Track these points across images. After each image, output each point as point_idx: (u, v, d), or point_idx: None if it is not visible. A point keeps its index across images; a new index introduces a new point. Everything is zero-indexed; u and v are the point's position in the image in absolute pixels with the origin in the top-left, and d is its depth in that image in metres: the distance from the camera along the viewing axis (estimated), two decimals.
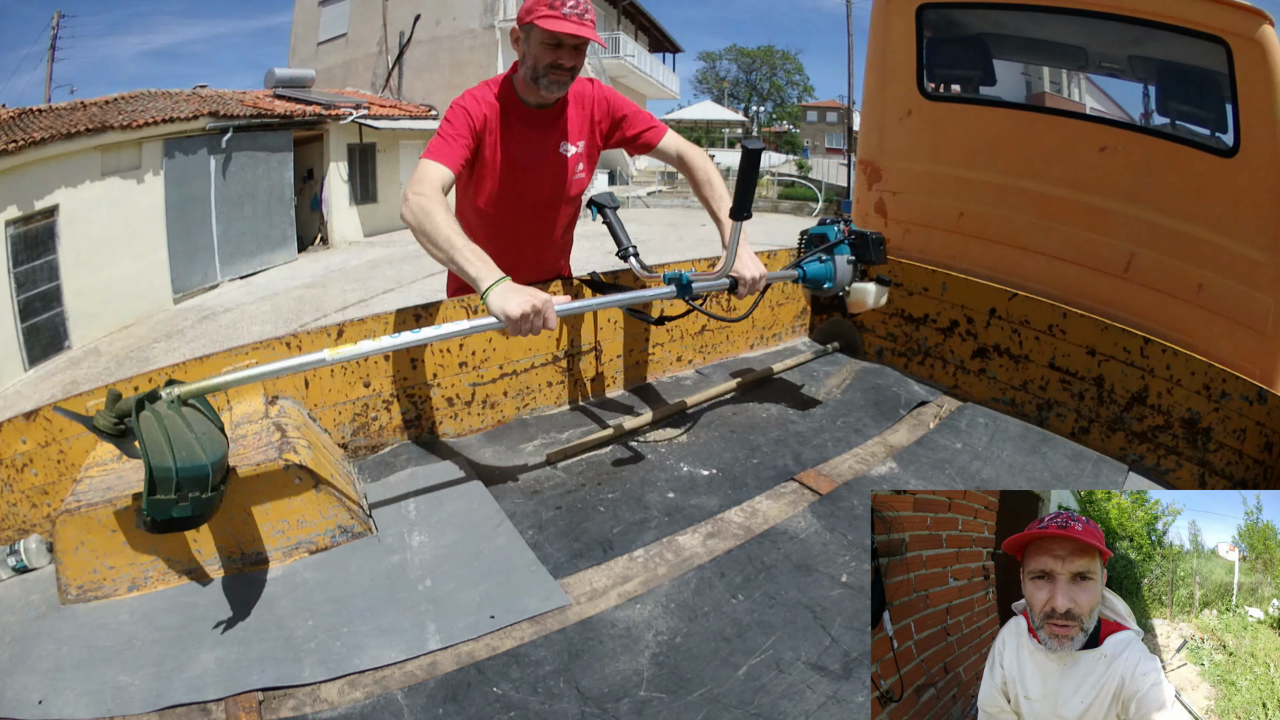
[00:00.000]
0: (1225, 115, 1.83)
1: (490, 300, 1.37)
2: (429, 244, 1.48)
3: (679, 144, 1.93)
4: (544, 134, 1.80)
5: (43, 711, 1.07)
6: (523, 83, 1.72)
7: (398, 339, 1.34)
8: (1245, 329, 1.86)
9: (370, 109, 14.56)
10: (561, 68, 1.64)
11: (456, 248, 1.44)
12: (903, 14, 2.42)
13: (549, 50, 1.62)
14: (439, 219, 1.47)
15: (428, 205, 1.49)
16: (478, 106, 1.70)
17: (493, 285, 1.39)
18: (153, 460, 1.01)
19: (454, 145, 1.64)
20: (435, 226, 1.46)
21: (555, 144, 1.82)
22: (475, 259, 1.43)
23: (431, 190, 1.53)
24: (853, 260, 1.93)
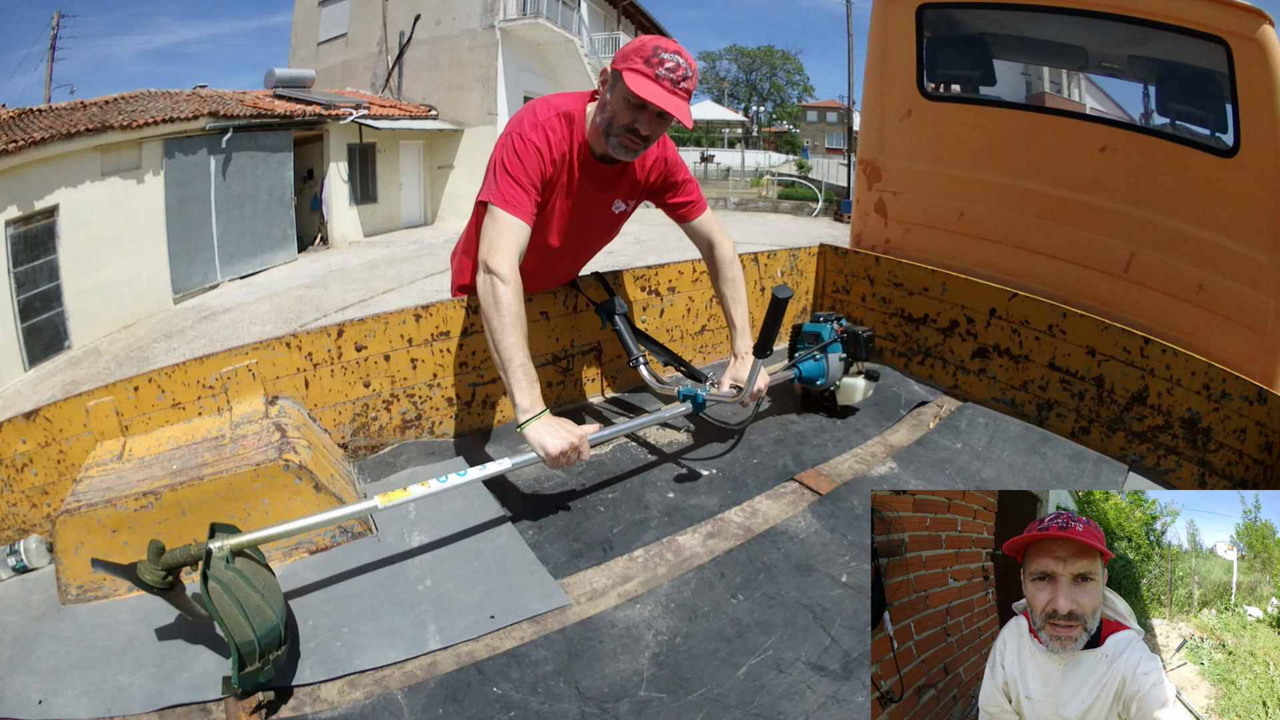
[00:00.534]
0: (1225, 115, 1.83)
1: (529, 433, 1.38)
2: (490, 337, 1.43)
3: (712, 229, 1.84)
4: (602, 191, 1.68)
5: (43, 711, 1.08)
6: (595, 127, 1.55)
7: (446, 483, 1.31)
8: (1245, 329, 1.86)
9: (370, 109, 14.55)
10: (637, 134, 1.48)
11: (514, 364, 1.40)
12: (903, 14, 2.42)
13: (629, 109, 1.45)
14: (508, 320, 1.40)
15: (504, 298, 1.41)
16: (549, 152, 1.53)
17: (533, 419, 1.38)
18: (236, 638, 1.01)
19: (528, 196, 1.51)
20: (503, 328, 1.40)
21: (610, 201, 1.72)
22: (525, 383, 1.40)
23: (510, 270, 1.43)
24: (845, 358, 1.98)
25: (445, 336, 1.89)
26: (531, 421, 1.38)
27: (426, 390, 1.90)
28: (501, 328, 1.41)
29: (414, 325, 1.84)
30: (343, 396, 1.78)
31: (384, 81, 17.52)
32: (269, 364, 1.67)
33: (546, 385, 2.10)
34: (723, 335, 2.51)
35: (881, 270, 2.47)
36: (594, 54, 19.64)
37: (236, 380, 1.61)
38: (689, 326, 2.40)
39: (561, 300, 2.06)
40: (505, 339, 1.40)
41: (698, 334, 2.43)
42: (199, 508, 1.33)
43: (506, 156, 1.51)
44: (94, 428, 1.51)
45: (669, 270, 2.29)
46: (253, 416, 1.55)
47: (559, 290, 2.05)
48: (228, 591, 1.04)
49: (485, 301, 1.43)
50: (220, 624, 1.01)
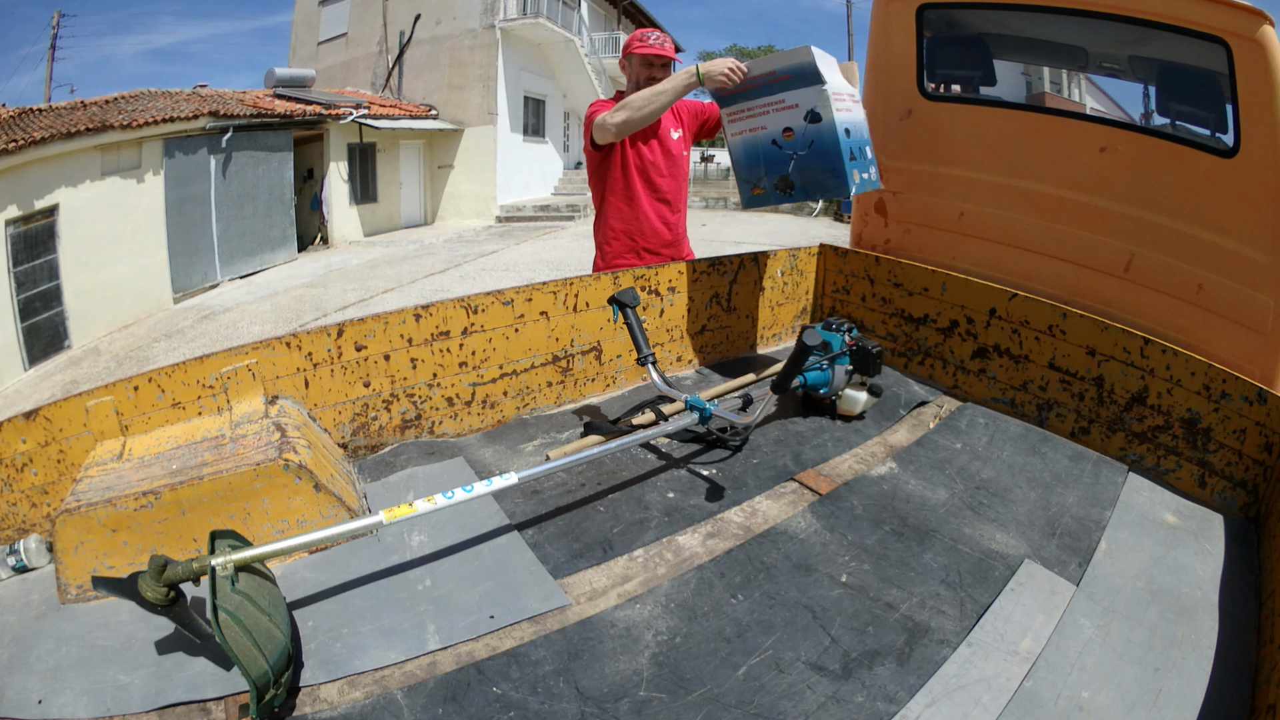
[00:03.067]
0: (1225, 115, 1.83)
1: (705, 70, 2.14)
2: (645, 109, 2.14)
3: None
4: (654, 125, 2.34)
5: (43, 711, 1.07)
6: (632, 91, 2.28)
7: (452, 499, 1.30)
8: (1245, 329, 1.85)
9: (370, 109, 14.54)
10: (655, 80, 2.26)
11: (656, 90, 2.15)
12: (903, 14, 2.42)
13: (646, 68, 2.29)
14: (630, 99, 2.16)
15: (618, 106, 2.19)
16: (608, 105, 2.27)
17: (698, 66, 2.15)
18: (252, 673, 1.01)
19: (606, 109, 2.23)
20: (635, 99, 2.15)
21: (666, 129, 2.41)
22: (672, 79, 2.16)
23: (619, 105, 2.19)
24: (850, 370, 1.98)
25: (445, 336, 1.89)
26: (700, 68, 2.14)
27: (426, 390, 1.90)
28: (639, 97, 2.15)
29: (414, 325, 1.84)
30: (343, 396, 1.78)
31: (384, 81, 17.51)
32: (269, 364, 1.67)
33: (546, 385, 2.10)
34: (723, 335, 2.51)
35: (881, 270, 2.47)
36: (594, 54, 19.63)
37: (236, 380, 1.61)
38: (689, 326, 2.40)
39: (561, 300, 2.06)
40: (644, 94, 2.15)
41: (698, 334, 2.43)
42: (199, 507, 1.33)
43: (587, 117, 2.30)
44: (94, 427, 1.51)
45: (669, 270, 2.29)
46: (253, 416, 1.55)
47: (559, 290, 2.05)
48: (238, 622, 1.03)
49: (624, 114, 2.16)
50: (234, 659, 1.00)
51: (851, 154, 1.98)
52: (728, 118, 2.19)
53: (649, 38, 2.31)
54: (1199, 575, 1.39)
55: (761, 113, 2.07)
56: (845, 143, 1.96)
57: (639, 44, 2.30)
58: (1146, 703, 1.08)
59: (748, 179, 2.20)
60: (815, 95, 1.93)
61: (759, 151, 2.12)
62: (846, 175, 1.96)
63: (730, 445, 1.86)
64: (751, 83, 2.06)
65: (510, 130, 17.22)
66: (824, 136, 1.95)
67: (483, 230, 15.76)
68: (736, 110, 2.15)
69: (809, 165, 2.02)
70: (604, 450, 1.53)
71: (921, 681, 1.10)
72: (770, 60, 2.02)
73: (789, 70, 1.96)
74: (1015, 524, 1.53)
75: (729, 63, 2.07)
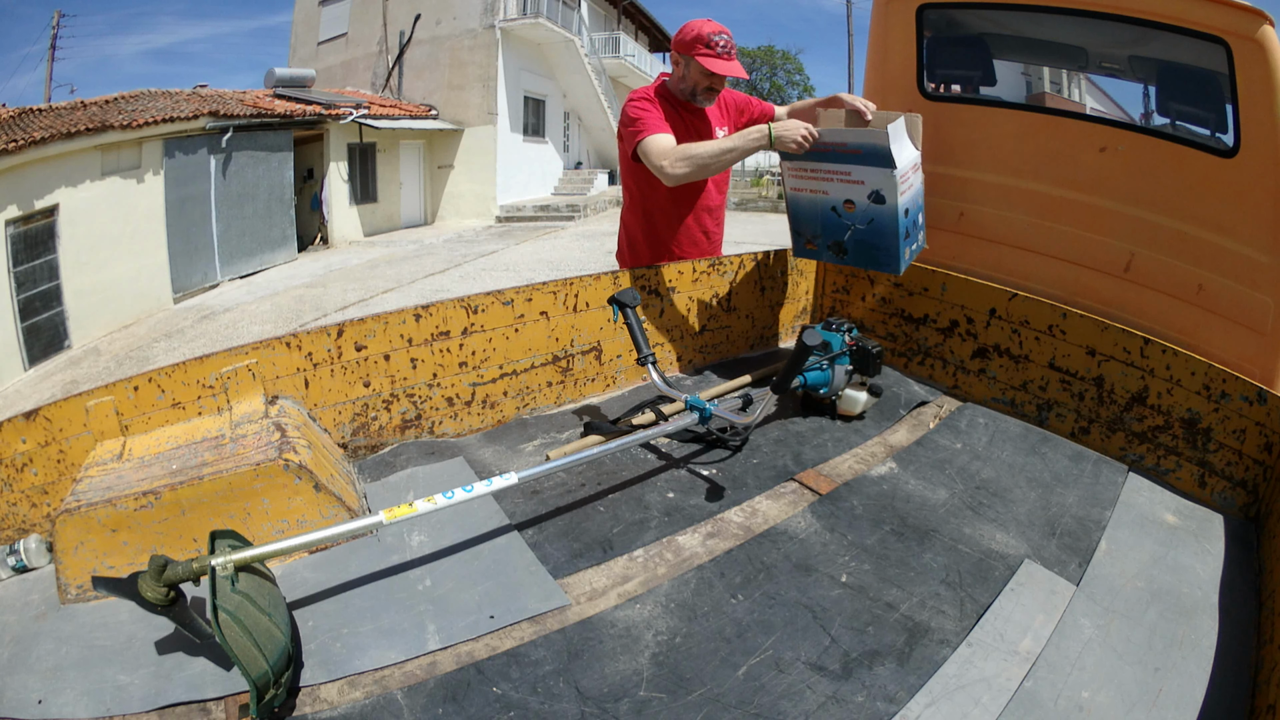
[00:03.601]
0: (1225, 115, 1.83)
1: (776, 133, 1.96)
2: (710, 166, 2.02)
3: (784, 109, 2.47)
4: (701, 121, 2.26)
5: (43, 711, 1.08)
6: (681, 92, 2.20)
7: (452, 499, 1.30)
8: (1245, 329, 1.85)
9: (370, 109, 14.54)
10: (714, 91, 2.18)
11: (730, 144, 1.99)
12: (903, 14, 2.42)
13: (706, 77, 2.11)
14: (698, 150, 2.00)
15: (683, 153, 2.00)
16: (653, 101, 2.13)
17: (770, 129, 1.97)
18: (252, 673, 1.01)
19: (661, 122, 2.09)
20: (703, 153, 1.99)
21: (712, 128, 2.28)
22: (743, 137, 2.00)
23: (673, 148, 2.03)
24: (850, 370, 1.99)
25: (445, 336, 1.89)
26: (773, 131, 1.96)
27: (426, 390, 1.90)
28: (707, 150, 2.00)
29: (414, 325, 1.84)
30: (343, 396, 1.78)
31: (384, 81, 17.51)
32: (269, 364, 1.67)
33: (546, 385, 2.10)
34: (723, 335, 2.51)
35: None
36: (594, 53, 19.63)
37: (236, 380, 1.61)
38: (689, 326, 2.40)
39: (561, 300, 2.06)
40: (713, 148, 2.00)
41: (698, 334, 2.43)
42: (199, 507, 1.33)
43: (630, 113, 2.12)
44: (94, 427, 1.51)
45: (669, 270, 2.29)
46: (253, 416, 1.55)
47: (559, 290, 2.05)
48: (238, 623, 1.03)
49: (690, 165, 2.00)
50: (235, 659, 1.00)
51: (906, 232, 2.03)
52: (789, 170, 2.17)
53: (717, 43, 2.05)
54: (1199, 575, 1.39)
55: (826, 178, 2.08)
56: (903, 223, 2.00)
57: (704, 51, 2.05)
58: (1146, 703, 1.08)
59: (802, 233, 2.25)
60: (883, 178, 1.94)
61: (818, 213, 2.16)
62: (900, 256, 2.03)
63: (730, 445, 1.86)
64: (820, 146, 2.02)
65: (510, 130, 17.22)
66: (884, 218, 1.99)
67: (483, 230, 15.76)
68: (800, 167, 2.13)
69: (865, 239, 2.08)
70: (604, 450, 1.53)
71: (921, 681, 1.10)
72: (844, 132, 2.00)
73: (861, 146, 1.95)
74: (1015, 524, 1.53)
75: (802, 130, 1.95)
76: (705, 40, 2.05)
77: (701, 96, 2.17)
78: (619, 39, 22.18)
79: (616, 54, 21.61)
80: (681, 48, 2.11)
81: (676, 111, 2.19)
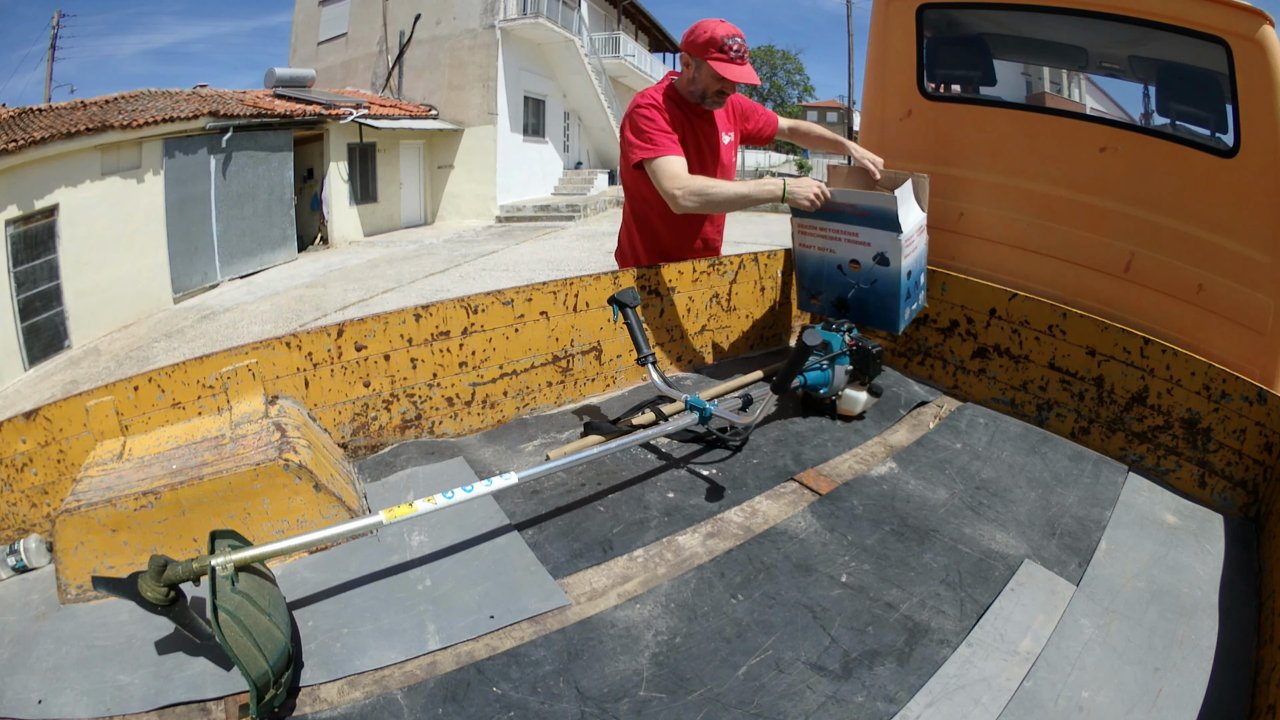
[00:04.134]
0: (1225, 115, 1.83)
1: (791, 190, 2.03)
2: (726, 203, 2.08)
3: (788, 123, 2.57)
4: (709, 125, 2.25)
5: (43, 711, 1.08)
6: (690, 94, 2.16)
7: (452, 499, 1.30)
8: (1245, 329, 1.85)
9: (370, 109, 14.54)
10: (724, 94, 2.15)
11: (747, 190, 2.04)
12: (903, 14, 2.42)
13: (717, 82, 2.08)
14: (717, 187, 2.03)
15: (702, 186, 2.02)
16: (661, 109, 2.11)
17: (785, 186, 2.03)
18: (252, 673, 1.01)
19: (668, 136, 2.07)
20: (717, 194, 2.02)
21: (718, 133, 2.28)
22: (759, 184, 2.05)
23: (688, 177, 2.03)
24: (850, 370, 2.00)
25: (445, 336, 1.89)
26: (787, 187, 2.03)
27: (426, 390, 1.90)
28: (722, 192, 2.04)
29: (414, 325, 1.84)
30: (343, 396, 1.78)
31: (384, 81, 17.51)
32: (269, 364, 1.67)
33: (546, 385, 2.10)
34: (723, 335, 2.51)
35: None
36: (594, 54, 19.62)
37: (236, 380, 1.61)
38: (689, 326, 2.40)
39: (561, 300, 2.06)
40: (728, 191, 2.05)
41: (698, 334, 2.43)
42: (199, 507, 1.33)
43: (640, 123, 2.09)
44: (94, 427, 1.51)
45: (669, 270, 2.29)
46: (253, 416, 1.55)
47: (559, 290, 2.05)
48: (238, 622, 1.03)
49: (701, 202, 2.02)
50: (234, 659, 1.00)
51: (908, 293, 2.10)
52: (799, 227, 2.28)
53: (730, 47, 2.01)
54: (1199, 575, 1.39)
55: (834, 237, 2.17)
56: (905, 284, 2.07)
57: (718, 55, 2.01)
58: (1146, 703, 1.08)
59: (808, 287, 2.35)
60: (888, 241, 2.02)
61: (824, 270, 2.25)
62: (899, 318, 2.09)
63: (730, 445, 1.86)
64: (831, 206, 2.10)
65: (510, 130, 17.22)
66: (887, 279, 2.05)
67: (483, 230, 15.76)
68: (810, 225, 2.23)
69: (867, 299, 2.15)
70: (604, 450, 1.53)
71: (921, 681, 1.10)
72: (855, 195, 2.07)
73: (870, 209, 2.04)
74: (1015, 524, 1.53)
75: (814, 189, 2.01)
76: (719, 44, 2.01)
77: (711, 100, 2.14)
78: (619, 39, 22.18)
79: (616, 54, 21.61)
80: (693, 50, 2.06)
81: (685, 115, 2.16)
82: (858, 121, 4.41)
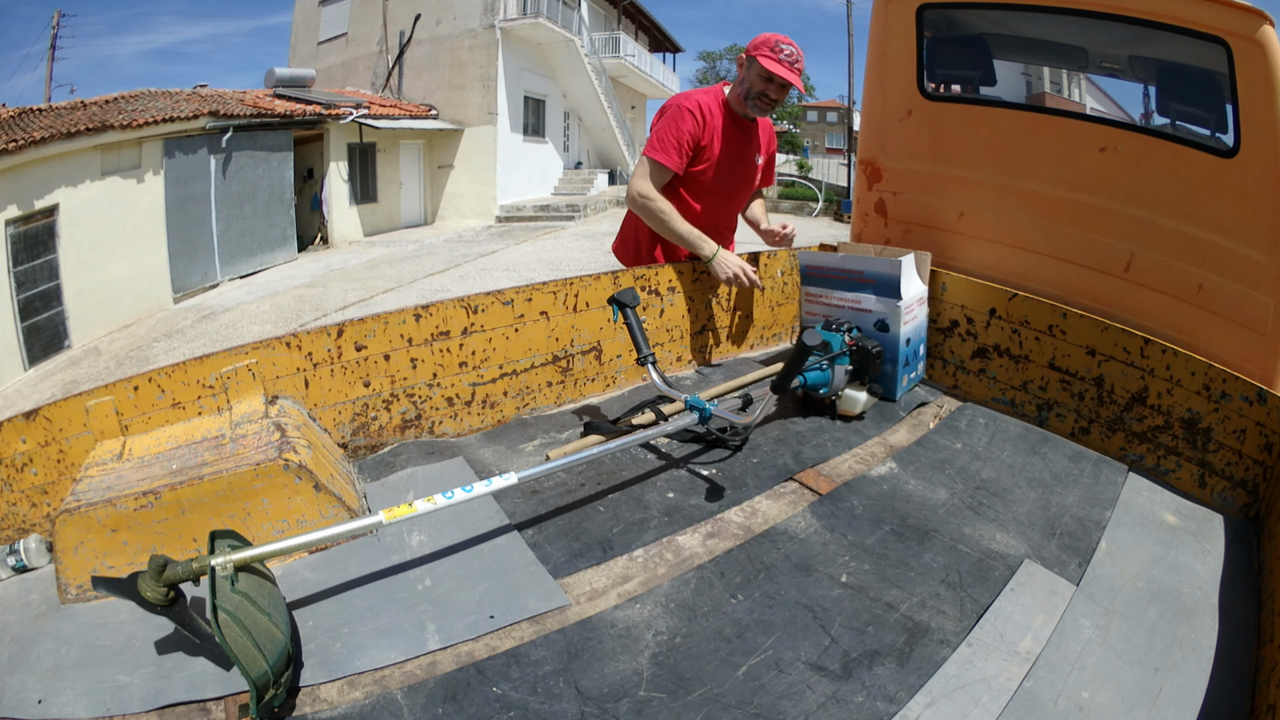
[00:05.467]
0: (1225, 115, 1.83)
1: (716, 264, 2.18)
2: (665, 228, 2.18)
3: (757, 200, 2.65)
4: (746, 137, 2.33)
5: (42, 711, 1.07)
6: (736, 98, 2.23)
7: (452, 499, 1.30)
8: (1245, 329, 1.85)
9: (370, 109, 14.54)
10: (767, 98, 2.17)
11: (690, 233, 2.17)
12: (903, 14, 2.42)
13: (762, 82, 2.14)
14: (668, 211, 2.17)
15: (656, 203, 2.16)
16: (699, 112, 2.18)
17: (715, 255, 2.17)
18: (252, 673, 1.01)
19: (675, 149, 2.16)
20: (669, 216, 2.17)
21: (753, 151, 2.38)
22: (701, 239, 2.17)
23: (654, 192, 2.17)
24: (850, 370, 2.01)
25: (445, 336, 1.89)
26: (717, 255, 2.18)
27: (426, 390, 1.90)
28: (668, 217, 2.16)
29: (414, 325, 1.84)
30: (343, 396, 1.78)
31: (384, 81, 17.52)
32: (269, 364, 1.67)
33: (546, 385, 2.10)
34: (723, 335, 2.51)
35: None
36: (594, 53, 19.63)
37: (236, 380, 1.61)
38: (689, 326, 2.40)
39: (561, 300, 2.06)
40: (673, 222, 2.17)
41: (698, 334, 2.43)
42: (199, 507, 1.33)
43: (666, 123, 2.18)
44: (94, 427, 1.51)
45: (668, 270, 2.29)
46: (253, 416, 1.55)
47: (559, 290, 2.05)
48: (238, 622, 1.03)
49: (647, 211, 2.18)
50: (234, 659, 1.00)
51: (906, 360, 2.14)
52: (806, 296, 2.35)
53: (782, 49, 2.10)
54: (1199, 575, 1.39)
55: (837, 305, 2.24)
56: (903, 351, 2.12)
57: (769, 54, 2.10)
58: (1146, 703, 1.08)
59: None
60: (889, 308, 2.09)
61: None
62: (897, 384, 2.14)
63: (730, 445, 1.86)
64: (839, 274, 2.20)
65: (510, 130, 17.23)
66: (885, 346, 2.09)
67: (483, 230, 15.77)
68: (816, 294, 2.31)
69: None
70: (604, 450, 1.53)
71: (921, 681, 1.10)
72: (862, 261, 2.16)
73: (874, 276, 2.11)
74: (1015, 524, 1.53)
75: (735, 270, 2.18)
76: (771, 45, 2.11)
77: (754, 103, 2.18)
78: (619, 39, 22.18)
79: (616, 54, 21.62)
80: (749, 49, 2.17)
81: (731, 123, 2.25)
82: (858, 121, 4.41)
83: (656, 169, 2.17)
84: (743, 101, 2.20)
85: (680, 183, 2.28)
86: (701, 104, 2.19)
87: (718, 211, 2.41)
